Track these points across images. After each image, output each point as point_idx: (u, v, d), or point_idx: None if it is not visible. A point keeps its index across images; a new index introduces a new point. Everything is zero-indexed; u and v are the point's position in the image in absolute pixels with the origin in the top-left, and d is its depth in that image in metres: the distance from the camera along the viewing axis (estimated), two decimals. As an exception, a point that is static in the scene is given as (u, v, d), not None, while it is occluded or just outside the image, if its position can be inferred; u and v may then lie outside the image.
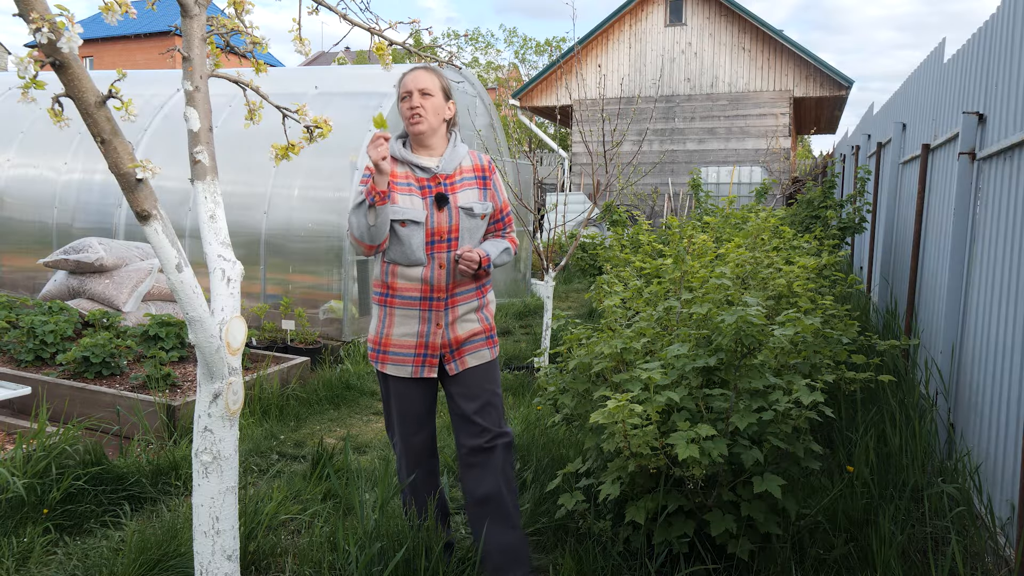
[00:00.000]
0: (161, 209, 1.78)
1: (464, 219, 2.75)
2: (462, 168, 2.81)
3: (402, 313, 2.75)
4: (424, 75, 2.75)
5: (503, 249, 2.88)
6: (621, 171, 8.05)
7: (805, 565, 2.79)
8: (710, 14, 17.70)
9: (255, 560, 2.94)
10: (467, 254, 2.66)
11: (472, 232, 2.78)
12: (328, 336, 6.64)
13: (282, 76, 8.77)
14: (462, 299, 2.79)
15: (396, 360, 2.78)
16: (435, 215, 2.71)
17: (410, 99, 2.72)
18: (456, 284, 2.76)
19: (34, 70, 1.59)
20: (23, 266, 8.13)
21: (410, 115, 2.71)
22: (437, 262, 2.72)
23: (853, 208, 7.01)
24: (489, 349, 2.87)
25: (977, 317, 3.51)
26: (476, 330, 2.83)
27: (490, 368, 2.88)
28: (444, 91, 2.79)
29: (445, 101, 2.79)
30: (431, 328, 2.75)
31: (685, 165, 17.75)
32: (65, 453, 3.47)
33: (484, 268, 2.74)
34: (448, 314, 2.76)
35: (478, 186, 2.82)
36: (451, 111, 2.83)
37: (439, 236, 2.72)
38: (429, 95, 2.72)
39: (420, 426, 2.88)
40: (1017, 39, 3.22)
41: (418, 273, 2.72)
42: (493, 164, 2.92)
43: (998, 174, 3.38)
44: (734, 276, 3.94)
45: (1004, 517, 2.89)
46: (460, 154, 2.82)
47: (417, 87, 2.72)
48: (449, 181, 2.76)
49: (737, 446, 2.62)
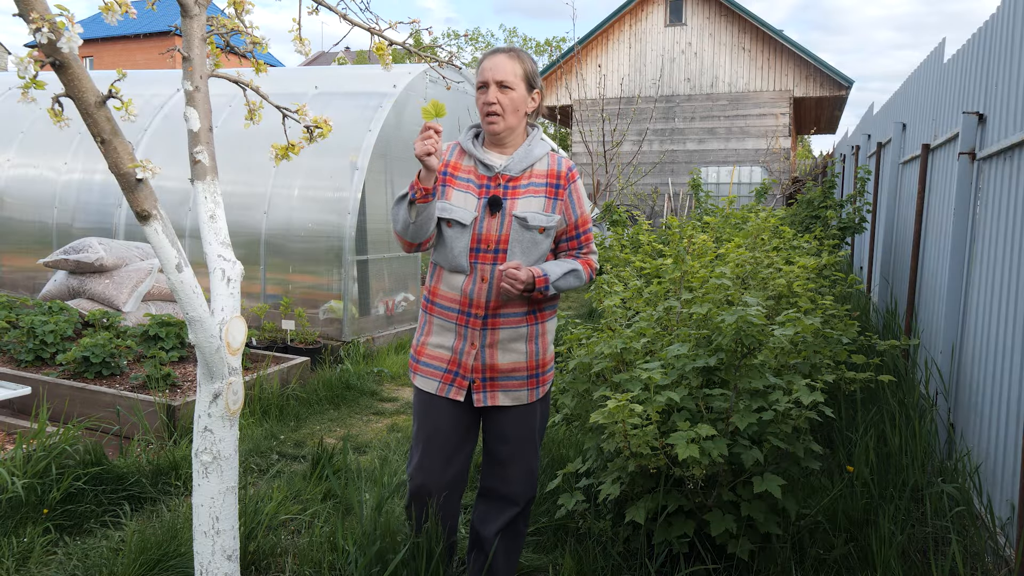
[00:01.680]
0: (161, 209, 1.78)
1: (516, 230, 2.37)
2: (533, 172, 2.43)
3: (440, 323, 2.45)
4: (504, 62, 2.35)
5: (569, 270, 2.43)
6: (621, 171, 8.06)
7: (805, 565, 2.79)
8: (710, 14, 17.70)
9: (255, 560, 2.94)
10: (512, 271, 2.27)
11: (526, 247, 2.39)
12: (328, 336, 6.64)
13: (282, 76, 8.77)
14: (505, 322, 2.40)
15: (426, 372, 2.48)
16: (485, 220, 2.37)
17: (486, 92, 2.35)
18: (500, 303, 2.38)
19: (34, 70, 1.59)
20: (23, 266, 8.13)
21: (485, 112, 2.36)
22: (480, 274, 2.38)
23: (853, 208, 7.01)
24: (529, 391, 2.47)
25: (977, 317, 3.51)
26: (519, 364, 2.43)
27: (527, 414, 2.48)
28: (527, 80, 2.39)
29: (528, 92, 2.40)
30: (465, 346, 2.41)
31: (685, 165, 17.75)
32: (65, 453, 3.47)
33: (540, 290, 2.34)
34: (486, 336, 2.39)
35: (547, 195, 2.41)
36: (535, 102, 2.43)
37: (485, 245, 2.37)
38: (509, 88, 2.34)
39: (448, 461, 2.47)
40: (1017, 39, 3.22)
41: (459, 282, 2.40)
42: (574, 172, 2.49)
43: (998, 174, 3.38)
44: (734, 276, 3.94)
45: (1004, 517, 2.89)
46: (535, 155, 2.43)
47: (495, 78, 2.33)
48: (512, 184, 2.40)
49: (737, 446, 2.62)
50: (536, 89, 2.43)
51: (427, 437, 2.48)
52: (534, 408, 2.51)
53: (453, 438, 2.48)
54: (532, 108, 2.44)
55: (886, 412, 3.85)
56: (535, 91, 2.43)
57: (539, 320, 2.47)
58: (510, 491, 2.54)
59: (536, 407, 2.52)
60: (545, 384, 2.53)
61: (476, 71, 2.40)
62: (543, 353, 2.50)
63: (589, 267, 2.52)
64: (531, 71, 2.40)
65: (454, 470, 2.51)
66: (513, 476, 2.52)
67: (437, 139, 2.17)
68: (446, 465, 2.49)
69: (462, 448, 2.51)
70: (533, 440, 2.53)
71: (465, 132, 2.49)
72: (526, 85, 2.39)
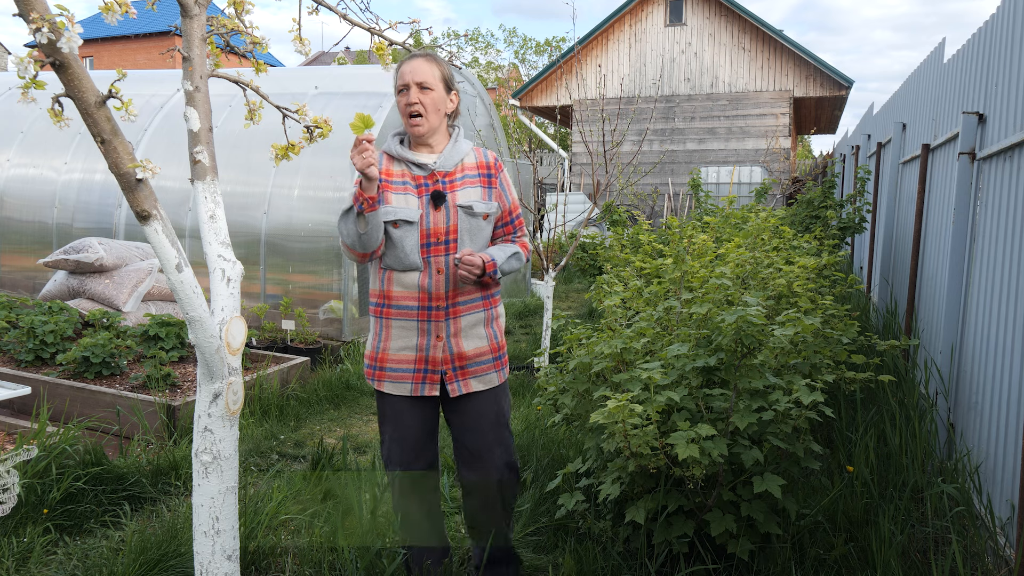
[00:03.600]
0: (161, 209, 1.78)
1: (463, 219, 2.51)
2: (464, 165, 2.58)
3: (399, 325, 2.52)
4: (423, 65, 2.48)
5: (512, 254, 2.61)
6: (621, 171, 8.06)
7: (805, 565, 2.79)
8: (710, 14, 17.70)
9: (255, 560, 2.94)
10: (468, 257, 2.40)
11: (473, 234, 2.54)
12: (328, 336, 6.64)
13: (282, 76, 8.77)
14: (465, 309, 2.54)
15: (394, 377, 2.55)
16: (431, 215, 2.48)
17: (407, 93, 2.48)
18: (458, 292, 2.52)
19: (34, 70, 1.59)
20: (23, 266, 8.13)
21: (409, 114, 2.49)
22: (435, 267, 2.49)
23: (853, 208, 7.01)
24: (497, 372, 2.62)
25: (977, 317, 3.51)
26: (483, 349, 2.58)
27: (498, 395, 2.63)
28: (445, 82, 2.53)
29: (447, 93, 2.54)
30: (431, 341, 2.51)
31: (685, 165, 17.75)
32: (65, 453, 3.47)
33: (489, 274, 2.48)
34: (450, 325, 2.52)
35: (482, 184, 2.58)
36: (453, 103, 2.57)
37: (435, 238, 2.49)
38: (429, 89, 2.47)
39: (419, 453, 2.61)
40: (1017, 39, 3.22)
41: (414, 279, 2.49)
42: (500, 162, 2.68)
43: (998, 174, 3.38)
44: (734, 276, 3.93)
45: (1004, 517, 2.89)
46: (462, 150, 2.59)
47: (415, 80, 2.46)
48: (448, 179, 2.53)
49: (737, 446, 2.62)
50: (454, 90, 2.58)
51: (400, 437, 2.60)
52: (504, 389, 2.67)
53: (422, 434, 2.61)
54: (451, 109, 2.58)
55: (886, 412, 3.85)
56: (452, 92, 2.57)
57: (492, 304, 2.64)
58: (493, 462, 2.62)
59: (505, 388, 2.68)
60: (506, 366, 2.69)
61: (395, 76, 2.53)
62: (500, 335, 2.67)
63: (526, 249, 2.73)
64: (448, 74, 2.56)
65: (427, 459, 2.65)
66: (493, 457, 2.62)
67: (372, 150, 2.27)
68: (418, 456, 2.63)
69: (431, 443, 2.65)
70: (507, 423, 2.67)
71: (389, 139, 2.60)
72: (444, 86, 2.53)
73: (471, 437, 2.60)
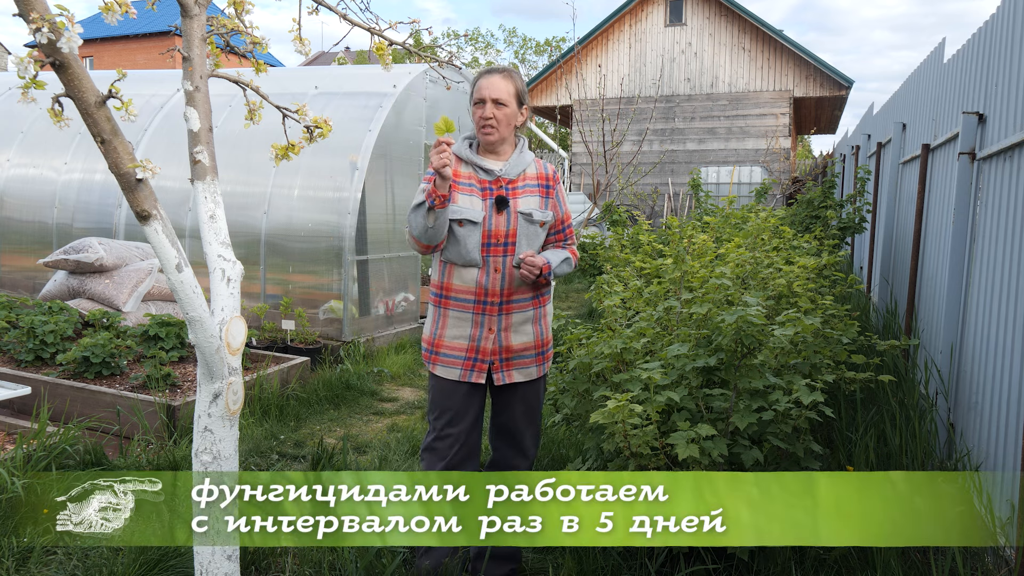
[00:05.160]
0: (161, 209, 1.78)
1: (523, 224, 2.70)
2: (526, 175, 2.77)
3: (456, 315, 2.72)
4: (500, 82, 2.68)
5: (564, 259, 2.81)
6: (621, 171, 8.06)
7: (805, 565, 2.79)
8: (710, 14, 17.70)
9: (255, 560, 2.94)
10: (531, 259, 2.60)
11: (530, 239, 2.72)
12: (328, 336, 6.64)
13: (282, 76, 8.77)
14: (518, 307, 2.73)
15: (447, 362, 2.75)
16: (493, 217, 2.67)
17: (483, 108, 2.67)
18: (512, 291, 2.70)
19: (34, 70, 1.59)
20: (23, 266, 8.13)
21: (482, 125, 2.68)
22: (492, 265, 2.68)
23: (853, 208, 7.01)
24: (537, 366, 2.82)
25: (977, 317, 3.51)
26: (528, 344, 2.77)
27: (535, 388, 2.85)
28: (518, 98, 2.73)
29: (518, 108, 2.73)
30: (483, 332, 2.71)
31: (685, 165, 17.75)
32: (65, 453, 3.47)
33: (545, 276, 2.67)
34: (501, 320, 2.71)
35: (540, 194, 2.77)
36: (523, 117, 2.76)
37: (496, 239, 2.67)
38: (503, 105, 2.67)
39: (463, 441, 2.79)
40: (1017, 39, 3.22)
41: (473, 275, 2.68)
42: (558, 175, 2.87)
43: (998, 174, 3.38)
44: (734, 276, 3.93)
45: (1004, 517, 2.89)
46: (526, 160, 2.77)
47: (492, 95, 2.66)
48: (512, 186, 2.72)
49: (737, 446, 2.62)
50: (524, 105, 2.77)
51: (449, 419, 2.77)
52: (542, 383, 2.88)
53: (469, 416, 2.79)
54: (521, 122, 2.79)
55: (886, 412, 3.85)
56: (524, 107, 2.77)
57: (542, 304, 2.82)
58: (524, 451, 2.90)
59: (542, 381, 2.88)
60: (548, 360, 2.88)
61: (472, 88, 2.72)
62: (546, 332, 2.85)
63: (575, 256, 2.92)
64: (521, 90, 2.74)
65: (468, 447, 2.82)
66: (527, 441, 2.88)
67: (449, 152, 2.43)
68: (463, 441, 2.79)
69: (476, 423, 2.84)
70: (540, 410, 2.91)
71: (459, 142, 2.77)
72: (517, 102, 2.73)
73: (507, 418, 2.84)
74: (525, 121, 2.79)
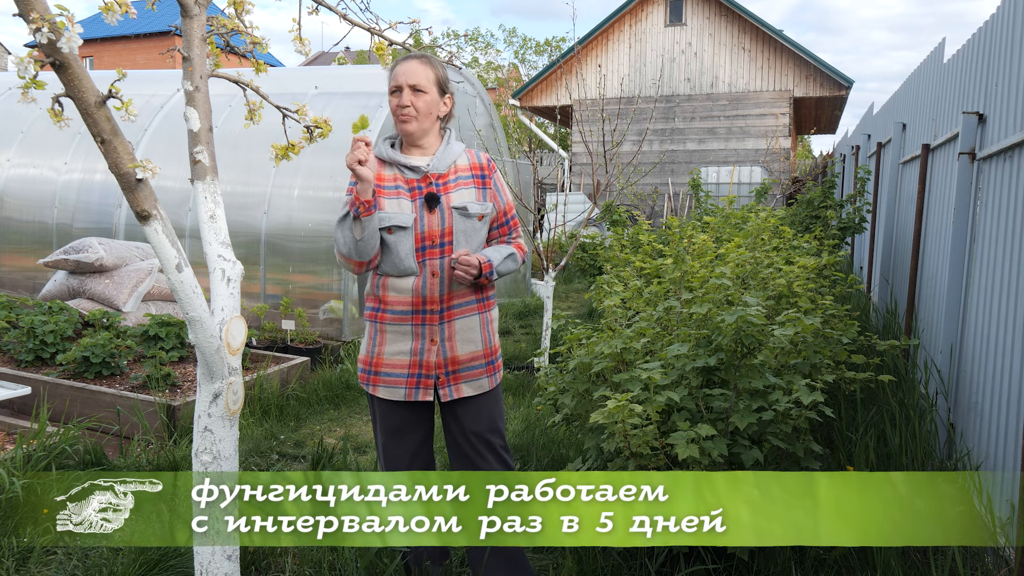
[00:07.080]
0: (161, 209, 1.78)
1: (458, 220, 2.49)
2: (457, 167, 2.55)
3: (394, 329, 2.51)
4: (417, 67, 2.46)
5: (507, 255, 2.58)
6: (621, 171, 8.06)
7: (805, 565, 2.79)
8: (710, 14, 17.70)
9: (255, 560, 2.94)
10: (464, 258, 2.39)
11: (468, 235, 2.51)
12: (328, 336, 6.64)
13: (282, 76, 8.77)
14: (460, 312, 2.52)
15: (388, 382, 2.53)
16: (425, 218, 2.46)
17: (400, 95, 2.46)
18: (452, 295, 2.49)
19: (34, 70, 1.59)
20: (23, 266, 8.13)
21: (399, 113, 2.47)
22: (429, 270, 2.47)
23: (853, 208, 7.01)
24: (489, 377, 2.59)
25: (977, 317, 3.51)
26: (476, 354, 2.55)
27: (489, 401, 2.61)
28: (439, 84, 2.50)
29: (440, 96, 2.51)
30: (425, 345, 2.49)
31: (685, 165, 17.75)
32: (65, 453, 3.47)
33: (485, 275, 2.46)
34: (444, 329, 2.50)
35: (476, 185, 2.55)
36: (447, 107, 2.54)
37: (430, 241, 2.46)
38: (421, 92, 2.45)
39: (414, 456, 2.61)
40: (1017, 39, 3.22)
41: (409, 284, 2.47)
42: (493, 163, 2.65)
43: (998, 174, 3.38)
44: (734, 276, 3.93)
45: (1004, 517, 2.89)
46: (455, 152, 2.56)
47: (408, 82, 2.45)
48: (441, 180, 2.50)
49: (737, 446, 2.62)
50: (448, 93, 2.54)
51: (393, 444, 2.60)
52: (496, 394, 2.63)
53: (415, 442, 2.62)
54: (444, 112, 2.55)
55: (886, 412, 3.85)
56: (447, 95, 2.54)
57: (487, 308, 2.61)
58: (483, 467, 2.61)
59: (497, 393, 2.64)
60: (499, 371, 2.65)
61: (389, 76, 2.49)
62: (494, 340, 2.64)
63: (521, 250, 2.67)
64: (443, 76, 2.52)
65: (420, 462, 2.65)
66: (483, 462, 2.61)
67: (367, 149, 2.27)
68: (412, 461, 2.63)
69: (424, 450, 2.65)
70: (498, 429, 2.63)
71: (379, 142, 2.56)
72: (438, 89, 2.50)
73: (463, 441, 2.60)
74: (450, 111, 2.57)
